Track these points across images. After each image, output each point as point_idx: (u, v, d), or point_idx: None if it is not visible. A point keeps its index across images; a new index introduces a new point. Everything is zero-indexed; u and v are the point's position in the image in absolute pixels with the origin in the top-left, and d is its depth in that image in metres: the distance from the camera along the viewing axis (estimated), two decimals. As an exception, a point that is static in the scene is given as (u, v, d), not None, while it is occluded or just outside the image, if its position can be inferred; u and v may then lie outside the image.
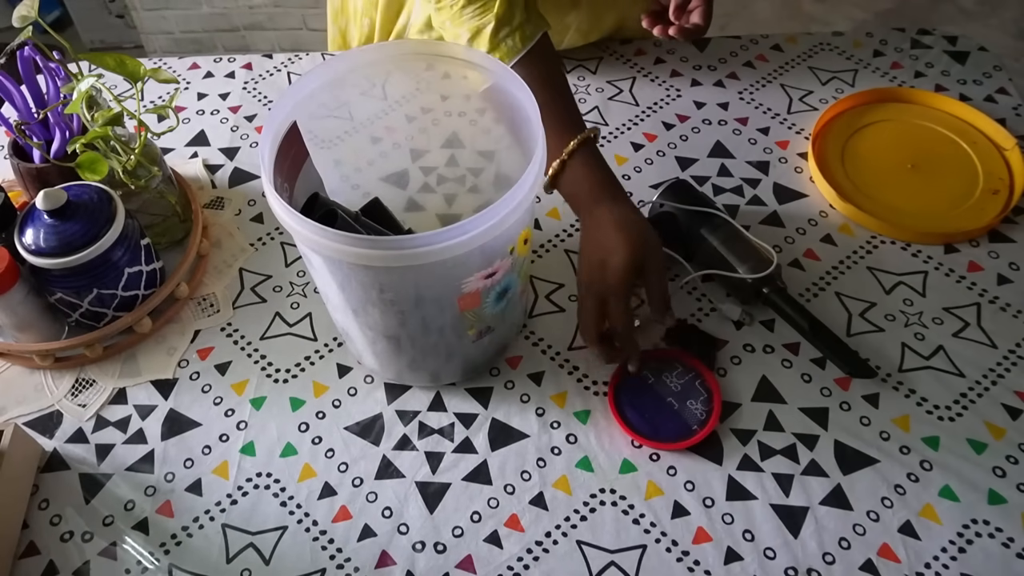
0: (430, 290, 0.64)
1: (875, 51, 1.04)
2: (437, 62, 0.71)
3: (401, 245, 0.56)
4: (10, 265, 0.70)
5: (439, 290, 0.64)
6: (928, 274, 0.82)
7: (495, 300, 0.67)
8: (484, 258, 0.61)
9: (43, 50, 0.79)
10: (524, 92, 0.66)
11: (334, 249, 0.57)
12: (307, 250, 0.62)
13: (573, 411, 0.74)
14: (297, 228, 0.58)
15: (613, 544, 0.67)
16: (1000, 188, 0.88)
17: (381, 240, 0.56)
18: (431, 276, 0.62)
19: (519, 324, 0.79)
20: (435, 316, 0.67)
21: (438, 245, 0.56)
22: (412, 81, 0.75)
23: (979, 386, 0.74)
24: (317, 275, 0.67)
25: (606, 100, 1.00)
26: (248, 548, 0.67)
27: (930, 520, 0.67)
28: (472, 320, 0.68)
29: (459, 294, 0.64)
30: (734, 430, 0.72)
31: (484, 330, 0.70)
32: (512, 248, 0.63)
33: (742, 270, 0.78)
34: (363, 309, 0.67)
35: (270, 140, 0.64)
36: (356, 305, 0.66)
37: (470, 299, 0.65)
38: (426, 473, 0.71)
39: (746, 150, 0.94)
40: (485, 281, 0.64)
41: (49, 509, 0.70)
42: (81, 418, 0.76)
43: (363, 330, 0.70)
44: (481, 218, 0.57)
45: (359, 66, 0.70)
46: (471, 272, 0.62)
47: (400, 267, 0.58)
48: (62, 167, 0.78)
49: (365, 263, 0.58)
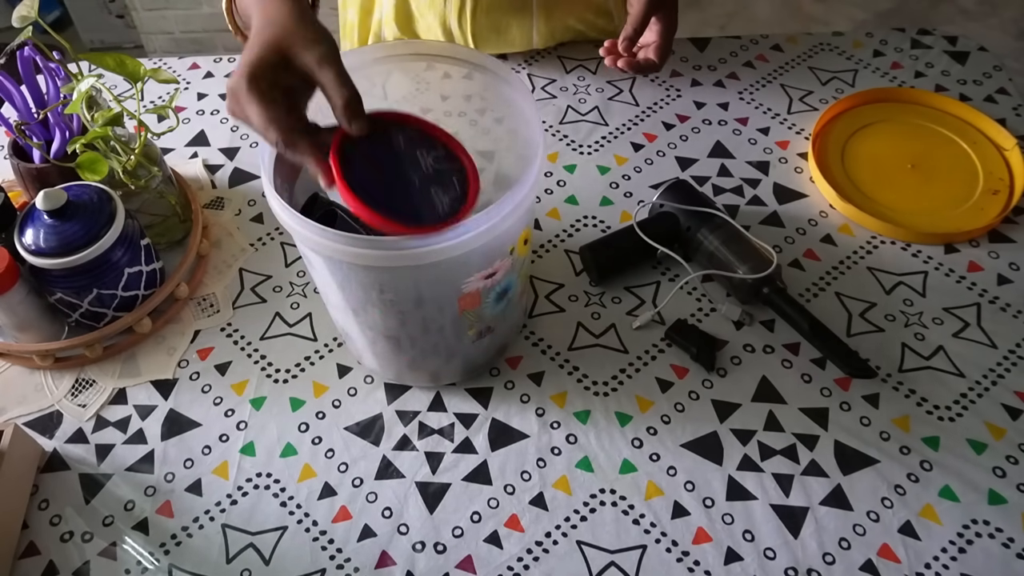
0: (430, 290, 0.63)
1: (875, 51, 1.04)
2: (437, 62, 0.71)
3: (401, 245, 0.56)
4: (10, 265, 0.70)
5: (439, 290, 0.64)
6: (928, 274, 0.82)
7: (495, 300, 0.67)
8: (484, 258, 0.61)
9: (43, 50, 0.79)
10: (523, 93, 0.66)
11: (333, 249, 0.57)
12: (307, 250, 0.62)
13: (573, 411, 0.74)
14: (297, 228, 0.58)
15: (613, 544, 0.67)
16: (1000, 188, 0.88)
17: (381, 240, 0.56)
18: (431, 276, 0.62)
19: (519, 324, 0.79)
20: (435, 316, 0.67)
21: (438, 245, 0.56)
22: (412, 81, 0.75)
23: (979, 386, 0.74)
24: (317, 275, 0.67)
25: (606, 100, 1.00)
26: (248, 548, 0.67)
27: (930, 520, 0.67)
28: (472, 320, 0.68)
29: (459, 294, 0.64)
30: (734, 430, 0.72)
31: (484, 330, 0.70)
32: (512, 248, 0.63)
33: (742, 270, 0.78)
34: (363, 309, 0.67)
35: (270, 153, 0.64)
36: (356, 305, 0.66)
37: (470, 299, 0.65)
38: (426, 473, 0.71)
39: (746, 150, 0.94)
40: (485, 281, 0.64)
41: (49, 509, 0.70)
42: (81, 418, 0.76)
43: (363, 330, 0.70)
44: (481, 218, 0.57)
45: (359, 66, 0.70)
46: (471, 272, 0.62)
47: (400, 267, 0.58)
48: (62, 167, 0.78)
49: (365, 263, 0.58)
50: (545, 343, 0.79)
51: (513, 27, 0.99)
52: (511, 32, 1.00)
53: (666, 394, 0.75)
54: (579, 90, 1.01)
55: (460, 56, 0.70)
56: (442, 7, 0.98)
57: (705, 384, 0.75)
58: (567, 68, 1.03)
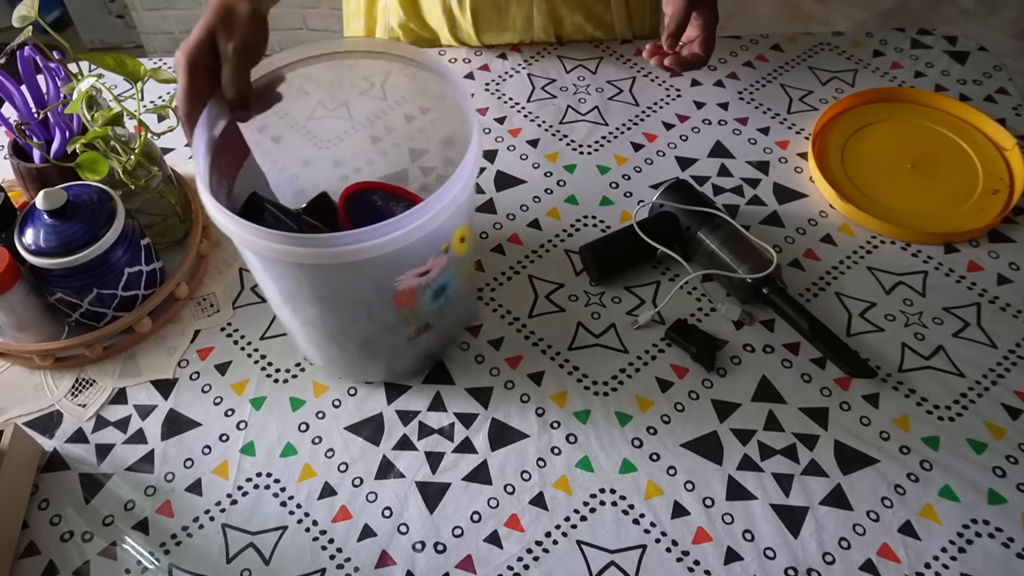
0: (363, 287, 0.63)
1: (875, 51, 1.04)
2: (365, 58, 0.70)
3: (327, 243, 0.56)
4: (10, 265, 0.70)
5: (372, 288, 0.63)
6: (928, 274, 0.82)
7: (432, 298, 0.67)
8: (416, 256, 0.61)
9: (43, 50, 0.79)
10: (457, 88, 0.66)
11: (261, 246, 0.57)
12: (242, 248, 0.62)
13: (573, 411, 0.74)
14: (230, 226, 0.58)
15: (613, 544, 0.67)
16: (1000, 188, 0.88)
17: (308, 238, 0.56)
18: (362, 274, 0.61)
19: (465, 320, 0.79)
20: (370, 313, 0.67)
21: (366, 243, 0.56)
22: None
23: (979, 386, 0.74)
24: (255, 273, 0.67)
25: (606, 100, 1.00)
26: (248, 548, 0.67)
27: (930, 520, 0.67)
28: (409, 317, 0.68)
29: (393, 292, 0.63)
30: (734, 430, 0.72)
31: (423, 327, 0.70)
32: (447, 246, 0.63)
33: (742, 270, 0.78)
34: (300, 307, 0.67)
35: (203, 138, 0.64)
36: (292, 303, 0.67)
37: (405, 296, 0.64)
38: (426, 473, 0.71)
39: (746, 150, 0.94)
40: (419, 279, 0.63)
41: (49, 509, 0.70)
42: (81, 418, 0.76)
43: (304, 327, 0.70)
44: (408, 217, 0.56)
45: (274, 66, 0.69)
46: (403, 270, 0.61)
47: (331, 265, 0.58)
48: (62, 167, 0.78)
49: (293, 260, 0.57)
50: (545, 343, 0.79)
51: (512, 5, 0.99)
52: (511, 11, 1.00)
53: (666, 394, 0.75)
54: (579, 90, 1.01)
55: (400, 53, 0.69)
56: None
57: (705, 384, 0.75)
58: (567, 68, 1.03)
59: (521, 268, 0.84)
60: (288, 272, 0.62)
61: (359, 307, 0.66)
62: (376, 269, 0.61)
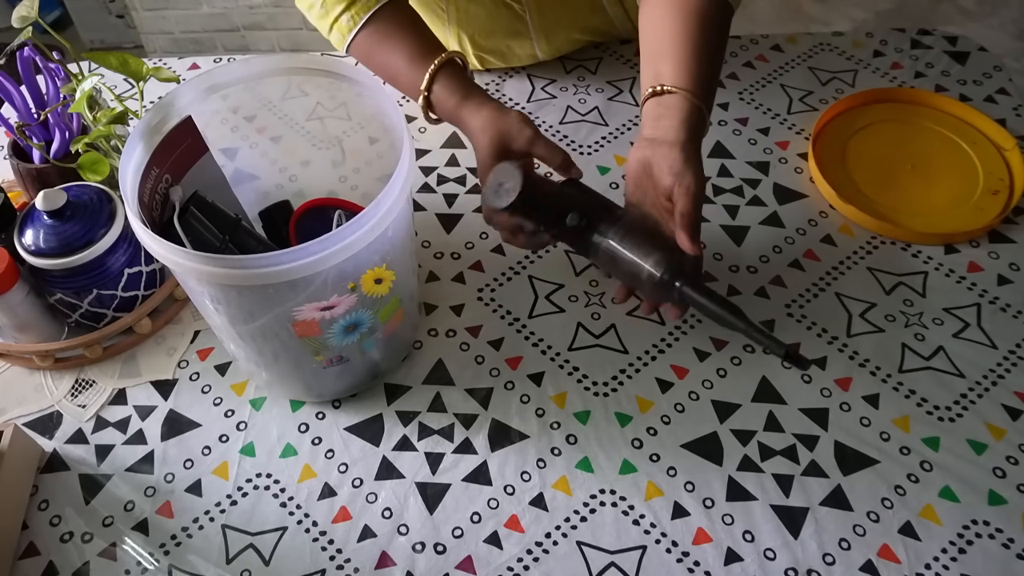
0: (259, 310, 0.62)
1: (875, 51, 1.04)
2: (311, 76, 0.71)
3: (219, 263, 0.55)
4: (10, 265, 0.70)
5: (267, 312, 0.62)
6: (928, 274, 0.82)
7: (341, 333, 0.65)
8: (316, 290, 0.59)
9: (43, 50, 0.79)
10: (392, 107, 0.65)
11: (159, 254, 0.57)
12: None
13: (573, 411, 0.74)
14: (143, 236, 0.58)
15: (613, 545, 0.67)
16: (1000, 188, 0.88)
17: (196, 255, 0.55)
18: (256, 297, 0.60)
19: (395, 358, 0.77)
20: (273, 337, 0.65)
21: (255, 270, 0.54)
22: (320, 95, 0.75)
23: (979, 387, 0.74)
24: (178, 278, 0.67)
25: (606, 100, 1.00)
26: (248, 549, 0.67)
27: (930, 521, 0.67)
28: (316, 347, 0.66)
29: (292, 320, 0.62)
30: (734, 430, 0.72)
31: (335, 359, 0.69)
32: (353, 285, 0.61)
33: (648, 265, 0.67)
34: (209, 315, 0.66)
35: (141, 134, 0.64)
36: (205, 311, 0.66)
37: (306, 327, 0.63)
38: (426, 474, 0.71)
39: (746, 150, 0.94)
40: (322, 313, 0.61)
41: (49, 510, 0.70)
42: (81, 419, 0.76)
43: (226, 340, 0.70)
44: (300, 251, 0.55)
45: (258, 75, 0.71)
46: (300, 302, 0.60)
47: (227, 284, 0.57)
48: (62, 168, 0.78)
49: (179, 271, 0.57)
50: (545, 343, 0.79)
51: (515, 48, 0.99)
52: (514, 52, 1.00)
53: (666, 394, 0.75)
54: (579, 90, 1.01)
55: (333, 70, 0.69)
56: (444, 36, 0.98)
57: (705, 384, 0.75)
58: (567, 68, 1.03)
59: (521, 268, 0.84)
60: (192, 283, 0.61)
61: (256, 328, 0.64)
62: (271, 295, 0.59)
